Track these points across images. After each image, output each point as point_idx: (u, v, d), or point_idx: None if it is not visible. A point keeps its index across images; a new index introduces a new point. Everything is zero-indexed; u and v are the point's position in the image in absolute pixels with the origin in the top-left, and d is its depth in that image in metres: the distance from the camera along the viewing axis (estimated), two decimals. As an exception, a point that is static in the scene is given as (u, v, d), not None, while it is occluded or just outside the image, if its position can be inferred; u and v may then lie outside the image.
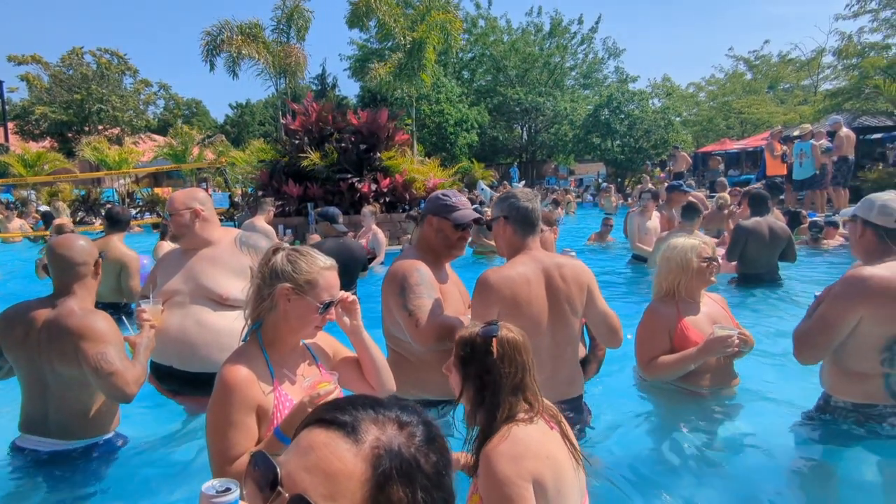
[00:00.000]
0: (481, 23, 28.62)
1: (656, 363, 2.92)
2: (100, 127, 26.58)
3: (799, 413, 2.68)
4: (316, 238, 5.94)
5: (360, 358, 1.94)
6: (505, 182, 21.86)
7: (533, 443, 1.54)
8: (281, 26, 14.64)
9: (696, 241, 3.08)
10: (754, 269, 5.88)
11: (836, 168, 10.55)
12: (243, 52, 13.96)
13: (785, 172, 11.62)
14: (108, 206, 11.01)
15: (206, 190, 13.52)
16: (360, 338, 1.90)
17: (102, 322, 2.28)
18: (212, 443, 1.61)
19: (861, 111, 14.85)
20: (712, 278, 3.03)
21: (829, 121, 11.74)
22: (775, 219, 6.16)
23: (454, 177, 17.00)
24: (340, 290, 1.80)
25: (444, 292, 2.48)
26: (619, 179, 22.52)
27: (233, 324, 2.25)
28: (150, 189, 19.30)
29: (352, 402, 0.76)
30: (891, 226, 2.36)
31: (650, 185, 12.95)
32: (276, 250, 1.75)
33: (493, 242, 8.76)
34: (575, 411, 2.41)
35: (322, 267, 1.73)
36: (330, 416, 0.73)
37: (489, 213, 3.07)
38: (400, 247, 8.97)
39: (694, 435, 2.81)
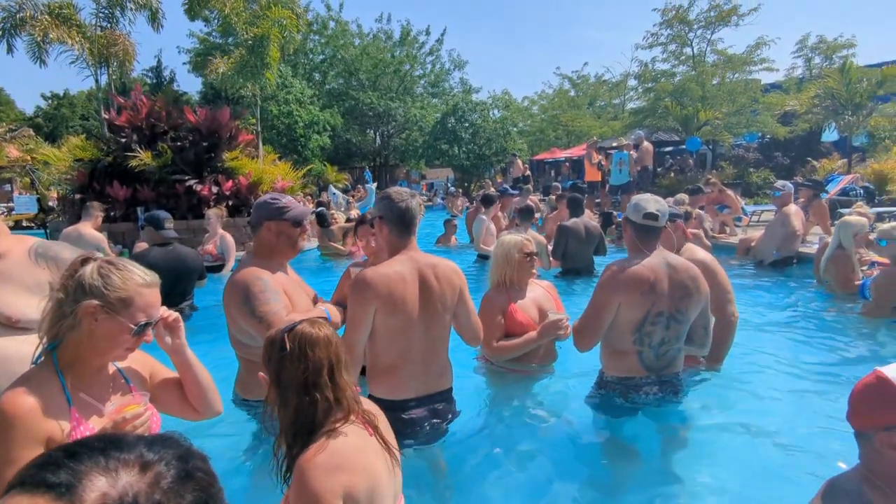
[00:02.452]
0: (332, 25, 28.09)
1: (500, 345, 3.15)
2: None
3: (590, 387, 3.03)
4: (143, 246, 5.34)
5: (182, 379, 1.77)
6: (359, 185, 21.71)
7: (350, 454, 1.45)
8: (102, 10, 12.89)
9: (520, 238, 3.35)
10: (574, 265, 6.53)
11: (639, 176, 12.10)
12: (51, 35, 12.02)
13: (600, 178, 13.06)
14: None
15: (11, 192, 11.48)
16: (184, 357, 1.74)
17: None
18: None
19: (657, 127, 17.22)
20: (533, 270, 3.33)
21: (634, 135, 13.43)
22: (588, 219, 6.90)
23: (304, 179, 16.47)
24: (175, 301, 1.62)
25: (291, 293, 2.46)
26: (465, 184, 23.53)
27: (25, 348, 1.94)
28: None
29: (75, 449, 0.62)
30: (639, 220, 2.71)
31: (491, 190, 13.73)
32: (85, 261, 1.52)
33: (338, 245, 8.68)
34: (446, 402, 2.53)
35: (140, 284, 1.53)
36: (37, 476, 0.58)
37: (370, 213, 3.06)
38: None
39: (515, 408, 3.07)
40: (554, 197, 9.61)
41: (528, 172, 19.87)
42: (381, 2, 58.91)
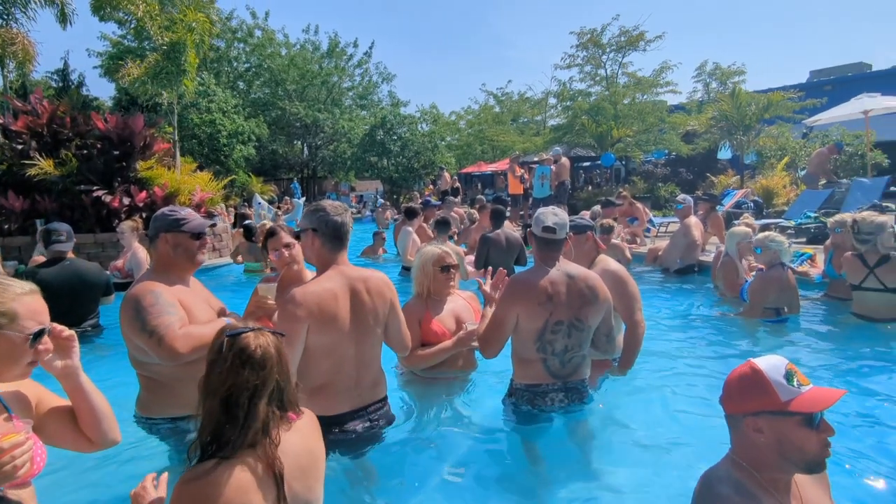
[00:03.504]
0: (258, 33, 27.29)
1: (416, 354, 3.14)
2: None
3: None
4: (38, 260, 4.90)
5: (75, 406, 1.61)
6: (286, 197, 21.11)
7: (232, 489, 1.33)
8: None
9: (438, 251, 3.35)
10: (495, 274, 6.65)
11: (557, 189, 12.57)
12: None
13: (522, 191, 13.44)
14: None
15: None
16: (77, 382, 1.58)
17: None
18: None
19: (575, 144, 18.00)
20: (451, 283, 3.34)
21: (552, 151, 13.96)
22: (510, 230, 7.06)
23: (227, 190, 15.80)
24: (73, 320, 1.49)
25: (190, 306, 2.35)
26: (395, 196, 23.47)
27: None
28: None
29: None
30: (539, 233, 2.81)
31: (418, 202, 13.78)
32: None
33: (261, 263, 8.34)
34: (382, 409, 2.53)
35: (18, 293, 1.43)
36: None
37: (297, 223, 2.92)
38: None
39: (433, 415, 3.09)
40: (476, 209, 9.76)
41: (458, 185, 20.13)
42: (308, 12, 58.09)
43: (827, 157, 12.52)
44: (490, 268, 3.43)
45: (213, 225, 2.48)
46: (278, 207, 19.56)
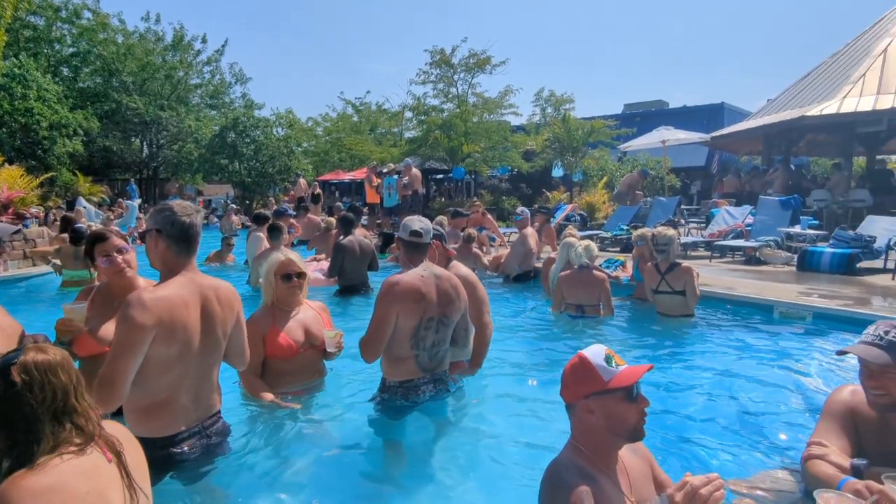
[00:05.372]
0: (87, 14, 23.82)
1: (248, 380, 3.04)
2: None
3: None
4: None
5: None
6: (120, 200, 18.67)
7: (70, 476, 1.24)
8: None
9: (282, 258, 3.22)
10: (350, 281, 6.56)
11: (411, 199, 12.84)
12: None
13: (378, 200, 13.50)
14: None
15: None
16: None
17: None
18: None
19: (429, 156, 18.53)
20: (297, 292, 3.22)
21: (403, 163, 14.26)
22: (362, 237, 7.03)
23: (45, 189, 13.55)
24: None
25: None
26: (247, 202, 22.00)
27: None
28: None
29: None
30: (406, 238, 2.96)
31: (273, 208, 13.09)
32: None
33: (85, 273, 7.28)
34: (216, 423, 2.33)
35: None
36: None
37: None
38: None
39: (289, 423, 2.96)
40: (331, 219, 9.57)
41: (319, 191, 19.44)
42: (152, 1, 52.29)
43: (637, 180, 14.52)
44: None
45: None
46: (110, 210, 17.22)
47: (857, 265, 7.41)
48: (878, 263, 7.58)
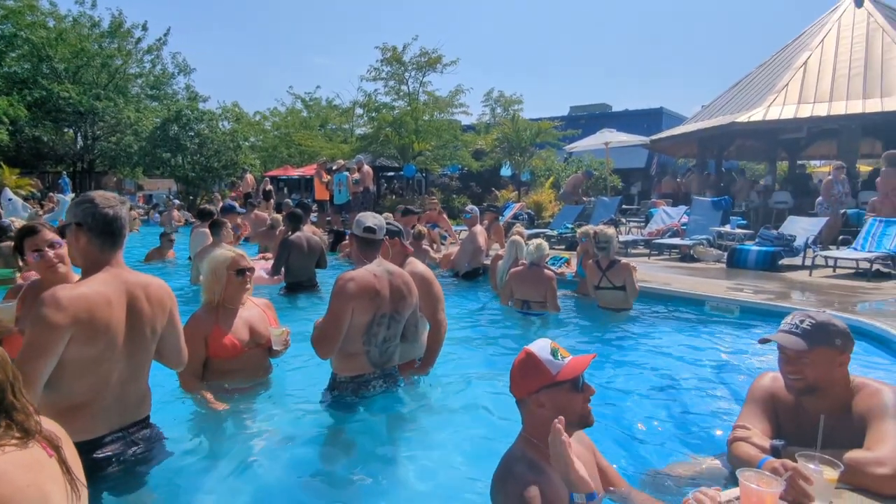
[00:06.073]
0: (12, -6, 22.04)
1: (188, 382, 2.95)
2: None
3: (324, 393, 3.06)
4: None
5: None
6: (51, 194, 17.48)
7: (11, 467, 1.17)
8: None
9: (232, 254, 3.13)
10: (297, 278, 6.41)
11: (362, 196, 12.70)
12: None
13: (328, 197, 13.26)
14: None
15: None
16: None
17: None
18: None
19: (380, 154, 18.38)
20: (247, 286, 3.14)
21: (355, 159, 14.09)
22: (311, 234, 6.88)
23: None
24: None
25: None
26: (191, 197, 21.06)
27: None
28: None
29: None
30: (360, 234, 2.96)
31: (220, 204, 12.61)
32: None
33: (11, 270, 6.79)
34: (146, 429, 2.20)
35: None
36: None
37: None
38: None
39: (236, 425, 2.88)
40: (278, 215, 9.34)
41: (270, 188, 18.81)
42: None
43: (581, 180, 14.91)
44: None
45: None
46: (40, 205, 16.09)
47: (780, 262, 7.92)
48: (798, 261, 8.13)
